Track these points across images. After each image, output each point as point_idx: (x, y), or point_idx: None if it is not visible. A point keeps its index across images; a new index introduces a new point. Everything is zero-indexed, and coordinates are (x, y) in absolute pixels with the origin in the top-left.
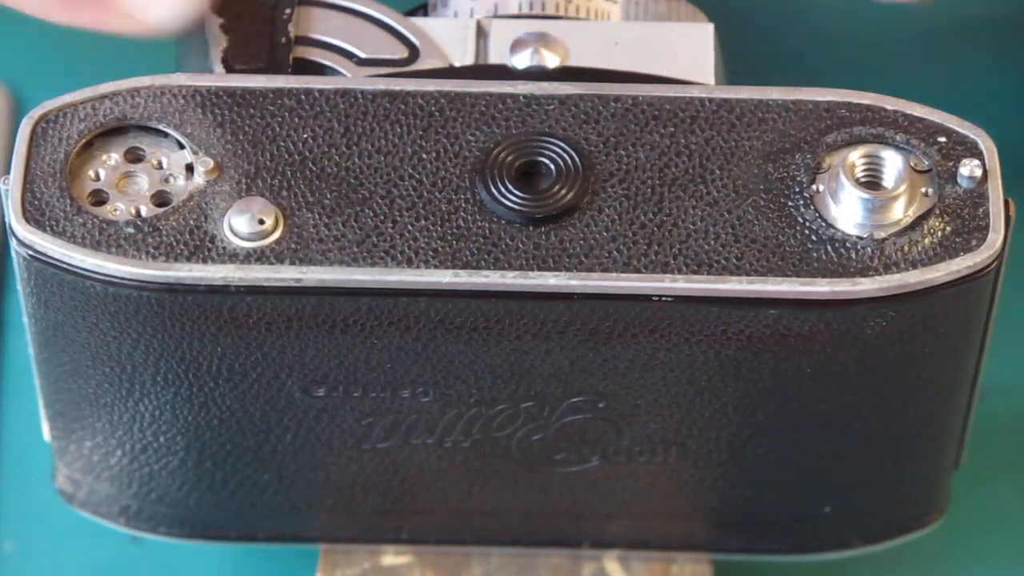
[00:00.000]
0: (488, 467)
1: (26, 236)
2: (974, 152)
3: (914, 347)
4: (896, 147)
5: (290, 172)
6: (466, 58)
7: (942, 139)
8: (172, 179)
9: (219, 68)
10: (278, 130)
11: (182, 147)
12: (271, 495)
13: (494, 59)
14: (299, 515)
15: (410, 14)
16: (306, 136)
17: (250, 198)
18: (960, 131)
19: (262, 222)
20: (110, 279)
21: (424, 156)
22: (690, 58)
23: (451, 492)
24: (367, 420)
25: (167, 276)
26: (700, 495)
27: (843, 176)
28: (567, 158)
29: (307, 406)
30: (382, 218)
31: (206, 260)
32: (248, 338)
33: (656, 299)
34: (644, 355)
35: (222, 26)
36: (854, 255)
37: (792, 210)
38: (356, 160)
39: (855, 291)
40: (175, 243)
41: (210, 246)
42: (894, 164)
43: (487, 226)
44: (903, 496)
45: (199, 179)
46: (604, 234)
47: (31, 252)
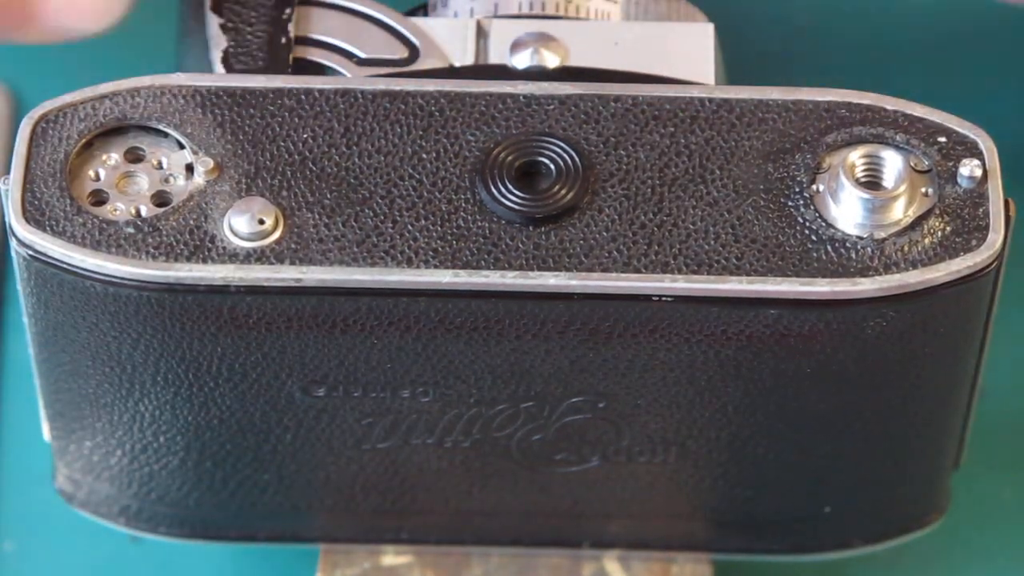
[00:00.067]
0: (488, 467)
1: (26, 236)
2: (974, 152)
3: (914, 347)
4: (896, 147)
5: (290, 172)
6: (466, 58)
7: (942, 139)
8: (172, 179)
9: (219, 68)
10: (278, 130)
11: (182, 147)
12: (271, 495)
13: (494, 59)
14: (299, 515)
15: (410, 14)
16: (306, 136)
17: (250, 198)
18: (960, 131)
19: (262, 222)
20: (110, 279)
21: (424, 156)
22: (690, 58)
23: (451, 492)
24: (367, 420)
25: (167, 276)
26: (700, 495)
27: (843, 176)
28: (567, 158)
29: (307, 406)
30: (382, 218)
31: (206, 260)
32: (248, 338)
33: (656, 299)
34: (644, 355)
35: (222, 26)
36: (854, 255)
37: (792, 210)
38: (356, 160)
39: (855, 291)
40: (175, 243)
41: (210, 246)
42: (894, 164)
43: (487, 226)
44: (903, 496)
45: (199, 179)
46: (604, 234)
47: (31, 252)
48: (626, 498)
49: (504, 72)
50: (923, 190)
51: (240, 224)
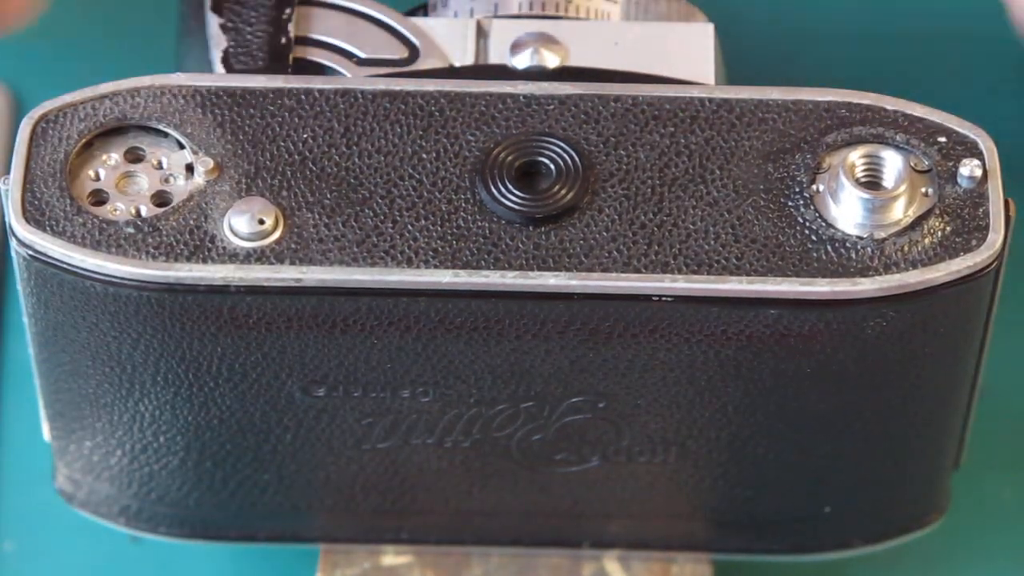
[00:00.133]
0: (488, 467)
1: (26, 236)
2: (974, 152)
3: (914, 347)
4: (896, 147)
5: (290, 172)
6: (466, 58)
7: (942, 139)
8: (172, 179)
9: (219, 68)
10: (278, 130)
11: (182, 147)
12: (271, 495)
13: (494, 59)
14: (299, 515)
15: (410, 14)
16: (306, 136)
17: (250, 198)
18: (960, 131)
19: (262, 222)
20: (110, 279)
21: (424, 156)
22: (690, 58)
23: (451, 492)
24: (367, 420)
25: (167, 276)
26: (700, 495)
27: (843, 176)
28: (567, 158)
29: (307, 406)
30: (382, 218)
31: (206, 260)
32: (248, 338)
33: (656, 299)
34: (644, 355)
35: (222, 26)
36: (854, 255)
37: (792, 210)
38: (356, 160)
39: (855, 291)
40: (175, 243)
41: (210, 246)
42: (894, 164)
43: (487, 226)
44: (903, 496)
45: (199, 179)
46: (604, 234)
47: (31, 252)
48: (626, 498)
49: (504, 72)
50: (923, 190)
51: (240, 224)
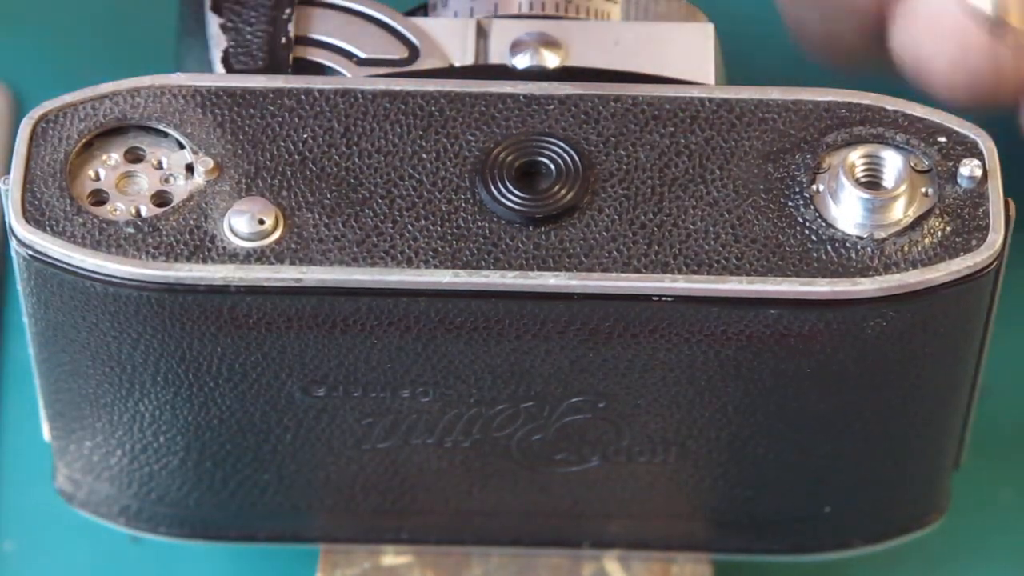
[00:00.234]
0: (488, 467)
1: (26, 236)
2: (974, 152)
3: (914, 347)
4: (896, 147)
5: (290, 172)
6: (466, 58)
7: (942, 139)
8: (172, 179)
9: (219, 68)
10: (278, 130)
11: (182, 147)
12: (271, 495)
13: (494, 59)
14: (299, 515)
15: (410, 14)
16: (306, 136)
17: (250, 198)
18: (960, 131)
19: (262, 222)
20: (110, 279)
21: (424, 156)
22: (690, 58)
23: (451, 492)
24: (367, 420)
25: (167, 276)
26: (700, 495)
27: (843, 176)
28: (567, 158)
29: (307, 406)
30: (382, 218)
31: (206, 260)
32: (248, 338)
33: (656, 299)
34: (644, 355)
35: (222, 26)
36: (854, 255)
37: (792, 210)
38: (356, 160)
39: (855, 291)
40: (175, 243)
41: (210, 246)
42: (894, 164)
43: (487, 226)
44: (903, 496)
45: (199, 179)
46: (604, 234)
47: (31, 252)
48: (626, 498)
49: (504, 72)
50: (923, 190)
51: (240, 224)
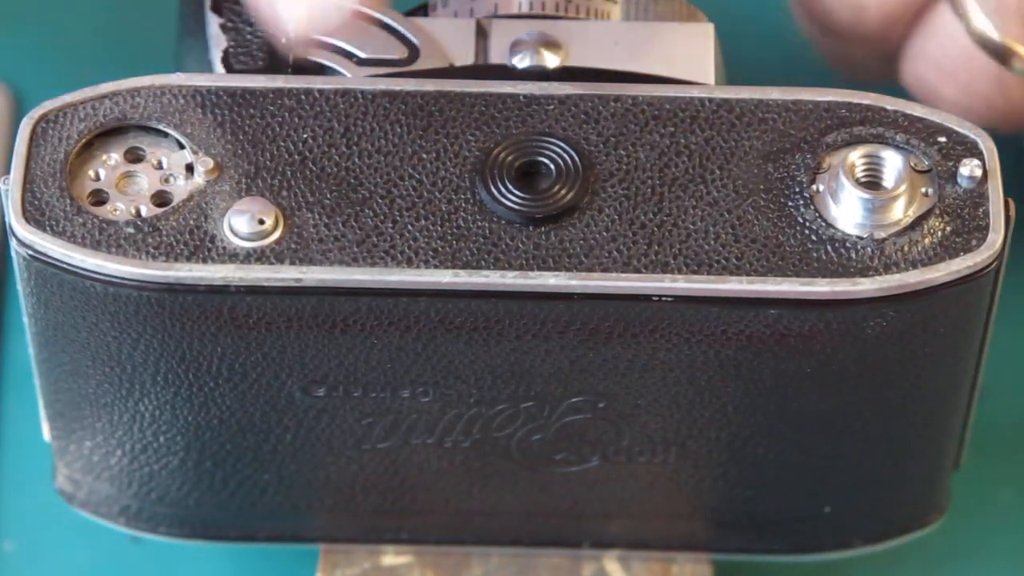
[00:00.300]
0: (488, 467)
1: (26, 236)
2: (974, 152)
3: (914, 347)
4: (896, 147)
5: (290, 172)
6: (466, 58)
7: (942, 139)
8: (172, 179)
9: (219, 68)
10: (278, 130)
11: (182, 147)
12: (271, 495)
13: (494, 59)
14: (299, 515)
15: (410, 14)
16: (306, 136)
17: (250, 198)
18: (960, 131)
19: (262, 222)
20: (110, 279)
21: (424, 156)
22: (690, 58)
23: (451, 492)
24: (367, 420)
25: (167, 276)
26: (700, 495)
27: (843, 176)
28: (567, 158)
29: (307, 406)
30: (382, 218)
31: (206, 260)
32: (248, 338)
33: (656, 299)
34: (644, 355)
35: (222, 26)
36: (854, 255)
37: (792, 210)
38: (356, 160)
39: (855, 291)
40: (175, 243)
41: (210, 246)
42: (894, 164)
43: (487, 226)
44: (903, 496)
45: (199, 179)
46: (604, 234)
47: (31, 252)
48: (626, 498)
49: (504, 72)
50: (923, 190)
51: (240, 224)
